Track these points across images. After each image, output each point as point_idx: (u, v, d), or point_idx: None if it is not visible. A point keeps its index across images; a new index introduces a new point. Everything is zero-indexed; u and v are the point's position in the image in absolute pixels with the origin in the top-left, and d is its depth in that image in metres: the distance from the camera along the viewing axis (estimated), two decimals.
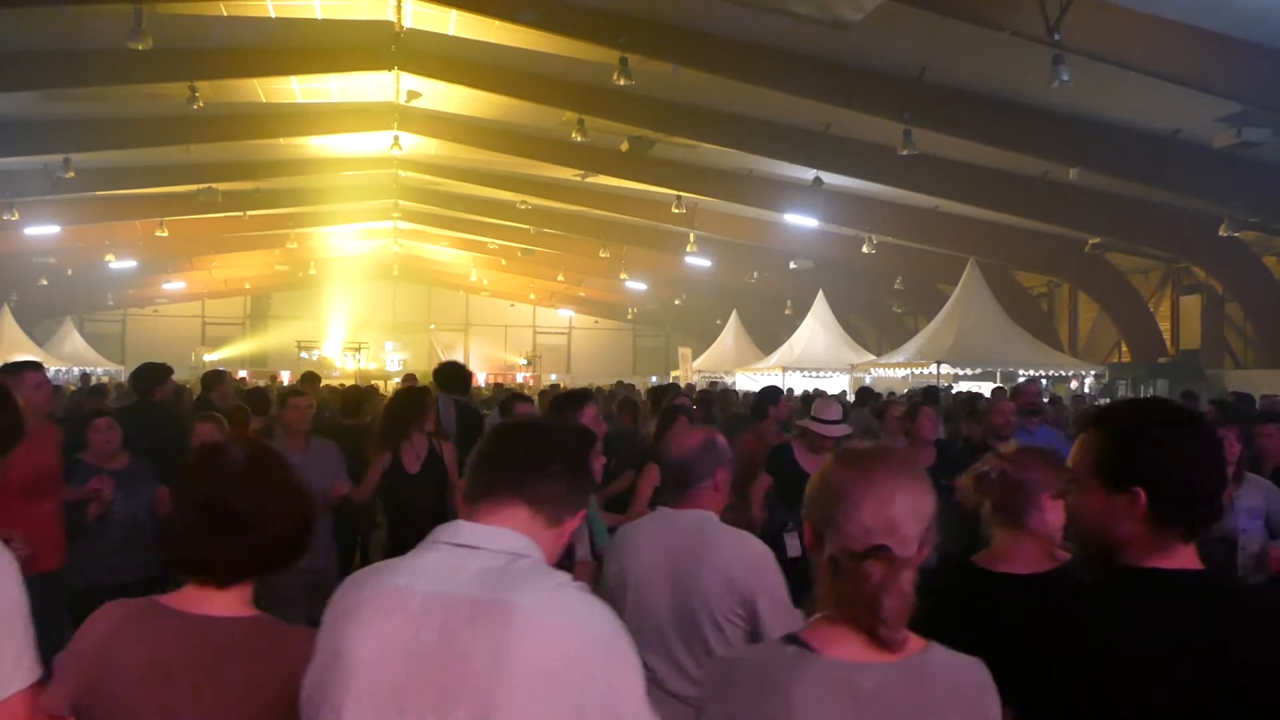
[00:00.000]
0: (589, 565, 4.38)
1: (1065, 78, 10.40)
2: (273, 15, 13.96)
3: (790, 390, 15.97)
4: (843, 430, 5.88)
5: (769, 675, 1.57)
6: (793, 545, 4.99)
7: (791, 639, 1.63)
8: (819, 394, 7.48)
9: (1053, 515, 2.56)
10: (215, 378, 9.39)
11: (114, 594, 2.03)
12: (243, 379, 21.79)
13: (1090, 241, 19.34)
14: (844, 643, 1.58)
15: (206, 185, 21.01)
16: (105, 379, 23.20)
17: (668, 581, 2.82)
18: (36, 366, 5.08)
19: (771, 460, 5.81)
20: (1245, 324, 20.38)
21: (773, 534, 5.01)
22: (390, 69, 16.07)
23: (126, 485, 5.11)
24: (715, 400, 11.15)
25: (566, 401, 5.15)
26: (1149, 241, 19.40)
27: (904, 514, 1.60)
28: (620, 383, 18.79)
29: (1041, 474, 2.57)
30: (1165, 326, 22.41)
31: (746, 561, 2.81)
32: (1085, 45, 10.59)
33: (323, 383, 16.69)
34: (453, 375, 7.27)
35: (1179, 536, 1.78)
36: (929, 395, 12.17)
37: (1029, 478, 2.59)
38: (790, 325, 26.58)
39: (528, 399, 8.11)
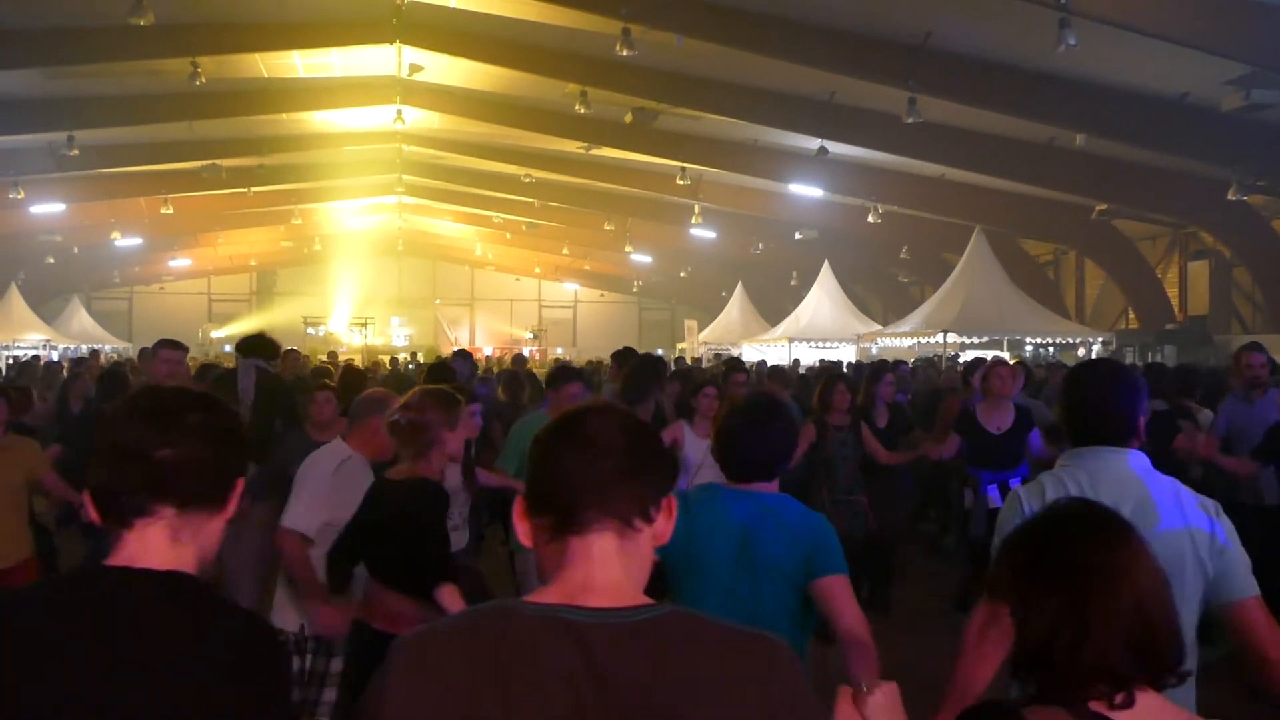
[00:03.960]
0: None
1: (1071, 41, 10.31)
2: None
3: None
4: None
5: None
6: (995, 496, 6.12)
7: None
8: (998, 361, 7.73)
9: (451, 444, 3.36)
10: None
11: None
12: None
13: (1097, 208, 19.21)
14: None
15: (210, 161, 20.99)
16: (115, 356, 23.31)
17: None
18: None
19: (958, 422, 6.84)
20: (1253, 289, 20.29)
21: (976, 487, 6.43)
22: (392, 42, 15.98)
23: None
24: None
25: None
26: (1156, 207, 19.29)
27: None
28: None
29: (437, 415, 3.29)
30: (1173, 293, 22.32)
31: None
32: (1091, 9, 10.50)
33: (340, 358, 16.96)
34: (254, 341, 7.04)
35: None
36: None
37: (428, 419, 3.27)
38: (796, 296, 26.52)
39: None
